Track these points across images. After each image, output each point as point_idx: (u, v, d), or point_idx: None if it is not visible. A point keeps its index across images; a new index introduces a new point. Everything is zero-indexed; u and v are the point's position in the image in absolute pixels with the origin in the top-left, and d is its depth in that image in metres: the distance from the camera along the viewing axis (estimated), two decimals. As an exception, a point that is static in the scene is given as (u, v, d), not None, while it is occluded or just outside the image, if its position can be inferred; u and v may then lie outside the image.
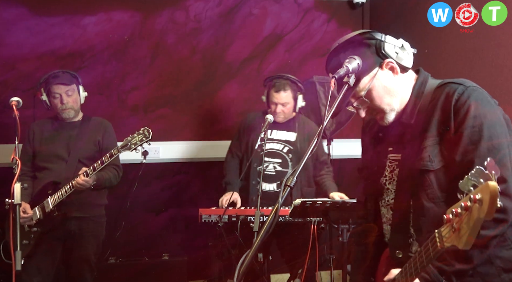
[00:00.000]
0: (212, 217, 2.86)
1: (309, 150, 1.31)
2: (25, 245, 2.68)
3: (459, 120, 1.34)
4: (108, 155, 2.66)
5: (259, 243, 1.21)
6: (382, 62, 1.44)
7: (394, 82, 1.46)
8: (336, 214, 2.38)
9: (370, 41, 1.44)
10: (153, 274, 3.32)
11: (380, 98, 1.46)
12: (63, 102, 2.84)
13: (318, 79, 3.63)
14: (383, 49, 1.43)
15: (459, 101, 1.35)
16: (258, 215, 2.40)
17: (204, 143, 3.87)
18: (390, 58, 1.44)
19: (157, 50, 3.83)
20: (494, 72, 2.66)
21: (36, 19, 3.61)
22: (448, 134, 1.36)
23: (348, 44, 1.46)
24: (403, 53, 1.46)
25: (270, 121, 2.87)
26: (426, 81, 1.49)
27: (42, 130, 2.93)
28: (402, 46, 1.46)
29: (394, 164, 1.53)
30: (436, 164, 1.38)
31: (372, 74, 1.44)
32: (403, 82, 1.48)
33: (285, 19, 4.03)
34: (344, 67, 1.41)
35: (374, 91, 1.45)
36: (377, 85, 1.44)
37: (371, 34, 1.45)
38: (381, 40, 1.44)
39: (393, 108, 1.48)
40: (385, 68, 1.45)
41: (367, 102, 1.47)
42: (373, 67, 1.44)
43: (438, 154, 1.38)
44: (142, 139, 2.64)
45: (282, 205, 1.30)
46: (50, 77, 2.86)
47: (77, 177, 2.67)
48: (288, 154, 3.07)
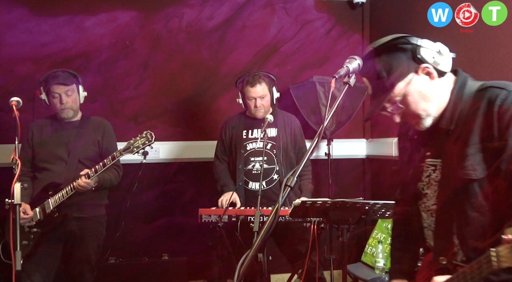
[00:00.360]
0: (212, 217, 2.86)
1: (309, 150, 1.31)
2: (25, 246, 2.67)
3: (503, 127, 1.30)
4: (110, 158, 2.66)
5: (259, 243, 1.21)
6: (418, 67, 1.41)
7: (431, 88, 1.43)
8: (336, 214, 2.37)
9: (406, 46, 1.41)
10: (153, 274, 3.32)
11: (415, 103, 1.43)
12: (62, 102, 2.83)
13: (318, 79, 3.63)
14: (418, 54, 1.40)
15: (503, 107, 1.31)
16: (258, 215, 2.40)
17: (204, 143, 3.87)
18: (426, 63, 1.41)
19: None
20: (494, 72, 2.66)
21: (36, 20, 3.61)
22: (492, 142, 1.32)
23: (383, 49, 1.43)
24: (440, 57, 1.42)
25: (270, 121, 2.88)
26: (465, 84, 1.44)
27: (41, 131, 2.92)
28: (439, 50, 1.42)
29: (431, 168, 1.51)
30: (479, 172, 1.34)
31: (408, 79, 1.40)
32: (440, 87, 1.45)
33: (285, 20, 4.03)
34: (344, 67, 1.40)
35: (409, 96, 1.42)
36: (412, 90, 1.41)
37: (406, 38, 1.41)
38: (417, 44, 1.40)
39: (429, 114, 1.44)
40: (421, 73, 1.41)
41: (402, 108, 1.45)
42: (408, 72, 1.40)
43: (481, 162, 1.34)
44: (145, 142, 2.65)
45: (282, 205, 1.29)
46: (50, 76, 2.85)
47: (78, 179, 2.67)
48: (272, 150, 3.09)
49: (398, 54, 1.41)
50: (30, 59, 3.60)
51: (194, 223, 3.04)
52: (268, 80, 3.10)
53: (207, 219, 2.87)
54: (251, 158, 3.08)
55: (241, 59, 3.96)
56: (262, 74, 3.12)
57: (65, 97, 2.83)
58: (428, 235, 1.55)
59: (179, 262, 3.41)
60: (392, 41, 1.41)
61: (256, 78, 3.04)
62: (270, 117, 2.89)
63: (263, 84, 3.04)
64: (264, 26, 4.01)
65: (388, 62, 1.41)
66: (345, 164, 4.17)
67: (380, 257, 3.23)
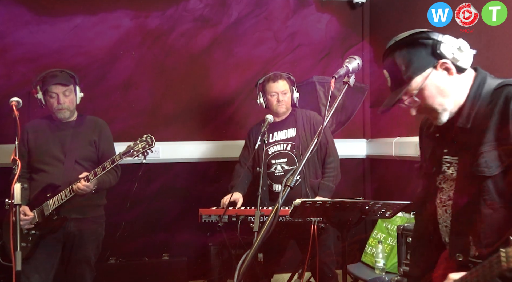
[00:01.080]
0: (212, 217, 2.86)
1: (309, 150, 1.31)
2: (23, 248, 2.64)
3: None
4: (110, 161, 2.64)
5: (259, 243, 1.21)
6: (437, 62, 1.43)
7: (449, 83, 1.45)
8: (336, 214, 2.37)
9: (426, 41, 1.43)
10: (153, 274, 3.32)
11: (432, 98, 1.44)
12: (60, 102, 2.79)
13: (318, 79, 3.63)
14: (438, 49, 1.42)
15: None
16: (258, 215, 2.40)
17: (205, 143, 3.87)
18: (446, 59, 1.43)
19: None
20: (494, 72, 2.65)
21: (36, 20, 3.62)
22: (507, 140, 1.34)
23: (404, 43, 1.45)
24: (460, 54, 1.44)
25: (270, 121, 2.88)
26: (484, 82, 1.46)
27: (36, 131, 2.88)
28: (459, 47, 1.44)
29: (446, 165, 1.53)
30: (493, 169, 1.36)
31: (426, 74, 1.42)
32: (459, 83, 1.46)
33: (285, 20, 4.03)
34: (344, 67, 1.41)
35: (426, 91, 1.44)
36: (429, 85, 1.43)
37: (427, 34, 1.44)
38: (438, 40, 1.42)
39: (445, 109, 1.46)
40: (440, 68, 1.43)
41: (418, 102, 1.46)
42: (427, 67, 1.43)
43: (496, 159, 1.36)
44: (145, 146, 2.64)
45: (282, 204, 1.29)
46: (48, 76, 2.81)
47: (77, 182, 2.65)
48: (291, 150, 3.09)
49: (418, 48, 1.43)
50: (30, 59, 3.60)
51: (194, 223, 3.04)
52: (288, 79, 3.15)
53: (207, 219, 2.87)
54: (273, 160, 3.10)
55: (241, 59, 3.96)
56: (282, 73, 3.17)
57: (63, 97, 2.80)
58: (443, 231, 1.56)
59: (179, 262, 3.42)
60: (413, 36, 1.44)
61: (278, 75, 3.11)
62: (270, 118, 2.90)
63: (284, 80, 3.10)
64: (264, 26, 4.01)
65: (408, 56, 1.43)
66: (345, 164, 4.16)
67: (380, 257, 3.23)
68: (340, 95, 1.41)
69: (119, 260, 3.37)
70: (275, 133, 3.15)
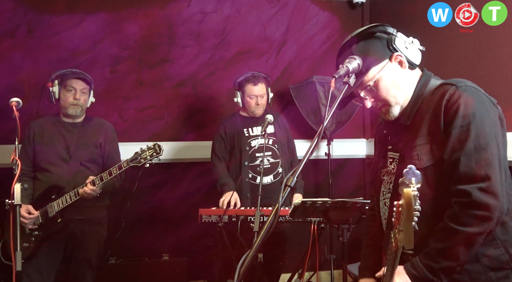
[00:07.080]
0: (212, 217, 2.86)
1: (309, 150, 1.31)
2: (25, 248, 2.66)
3: (448, 120, 1.38)
4: (117, 167, 2.65)
5: (259, 243, 1.21)
6: (392, 55, 1.49)
7: (401, 76, 1.51)
8: (336, 214, 2.37)
9: (382, 34, 1.51)
10: (153, 274, 3.31)
11: (386, 89, 1.50)
12: (76, 97, 2.83)
13: (318, 79, 3.63)
14: (393, 43, 1.49)
15: (450, 101, 1.39)
16: (258, 215, 2.40)
17: (205, 143, 3.86)
18: (400, 52, 1.49)
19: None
20: (494, 72, 2.66)
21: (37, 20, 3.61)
22: (438, 134, 1.40)
23: (361, 36, 1.51)
24: (412, 49, 1.52)
25: (270, 121, 2.89)
26: (428, 82, 1.53)
27: (42, 130, 2.89)
28: (412, 42, 1.53)
29: (389, 161, 1.60)
30: (424, 162, 1.42)
31: (381, 65, 1.49)
32: (408, 78, 1.53)
33: (285, 20, 4.03)
34: (344, 67, 1.42)
35: (381, 81, 1.49)
36: (385, 76, 1.49)
37: (384, 27, 1.51)
38: (393, 34, 1.50)
39: (398, 102, 1.52)
40: (394, 61, 1.50)
41: (374, 92, 1.51)
42: (382, 59, 1.49)
43: (427, 153, 1.42)
44: (153, 154, 2.65)
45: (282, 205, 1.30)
46: (69, 71, 2.88)
47: (84, 186, 2.66)
48: (274, 145, 3.25)
49: (375, 41, 1.50)
50: (30, 59, 3.60)
51: (194, 223, 3.04)
52: (265, 81, 3.28)
53: (207, 219, 2.87)
54: (257, 153, 3.20)
55: (240, 59, 3.96)
56: (261, 74, 3.28)
57: (80, 94, 2.85)
58: (383, 224, 1.62)
59: (179, 262, 3.41)
60: (370, 29, 1.51)
61: (257, 77, 3.21)
62: (270, 117, 2.91)
63: (262, 84, 3.22)
64: (264, 26, 4.01)
65: (365, 48, 1.49)
66: (345, 164, 4.17)
67: (380, 257, 3.23)
68: (340, 96, 1.42)
69: (119, 260, 3.36)
70: (254, 128, 3.28)
